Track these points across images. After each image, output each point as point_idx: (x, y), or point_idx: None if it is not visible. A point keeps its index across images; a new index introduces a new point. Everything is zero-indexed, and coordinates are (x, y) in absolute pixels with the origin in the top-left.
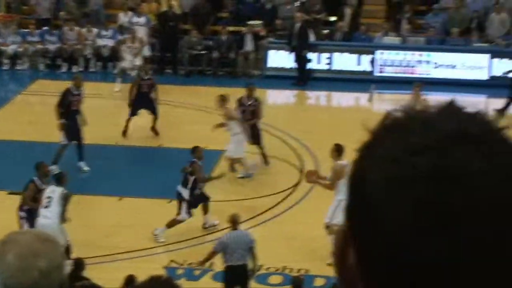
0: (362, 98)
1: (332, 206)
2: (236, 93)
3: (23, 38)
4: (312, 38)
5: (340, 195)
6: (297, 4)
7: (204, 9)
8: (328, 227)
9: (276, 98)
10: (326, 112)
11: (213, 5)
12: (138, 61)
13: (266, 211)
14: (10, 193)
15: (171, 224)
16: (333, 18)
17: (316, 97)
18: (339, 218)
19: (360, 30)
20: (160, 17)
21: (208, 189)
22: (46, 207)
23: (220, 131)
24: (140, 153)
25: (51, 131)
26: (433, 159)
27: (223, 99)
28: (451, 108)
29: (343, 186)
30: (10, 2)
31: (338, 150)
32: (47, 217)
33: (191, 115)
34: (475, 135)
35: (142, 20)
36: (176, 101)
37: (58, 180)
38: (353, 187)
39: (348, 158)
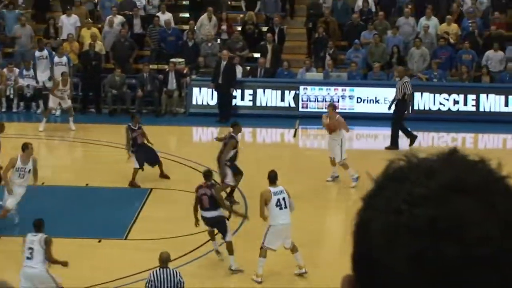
0: (286, 133)
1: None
2: (160, 131)
3: None
4: (239, 75)
5: (271, 221)
6: (219, 41)
7: (125, 47)
8: (261, 248)
9: (201, 135)
10: (251, 148)
11: (135, 43)
12: (68, 102)
13: (199, 247)
14: None
15: (231, 249)
16: (256, 55)
17: (240, 133)
18: (273, 244)
19: (282, 66)
20: (82, 56)
21: (140, 227)
22: (29, 258)
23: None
24: (67, 193)
25: None
26: (431, 210)
27: None
28: (453, 156)
29: (272, 210)
30: None
31: (270, 177)
32: (32, 267)
33: (115, 153)
34: (475, 185)
35: (63, 59)
36: (100, 140)
37: (37, 227)
38: (356, 236)
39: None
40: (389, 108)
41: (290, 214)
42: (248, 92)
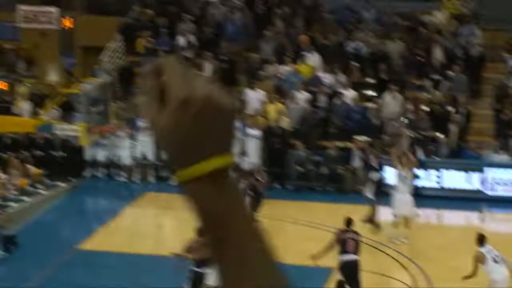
0: (472, 217)
1: None
2: (344, 209)
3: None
4: (420, 155)
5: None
6: (404, 120)
7: (310, 123)
8: None
9: (384, 215)
10: (436, 231)
11: (321, 120)
12: None
13: None
14: None
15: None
16: (440, 135)
17: (426, 215)
18: None
19: (468, 147)
20: (267, 131)
21: None
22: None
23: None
24: None
25: (157, 244)
26: None
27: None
28: None
29: (491, 268)
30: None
31: (479, 239)
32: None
33: (299, 230)
34: None
35: (256, 133)
36: (285, 216)
37: None
38: None
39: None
40: None
41: (506, 268)
42: (432, 173)
